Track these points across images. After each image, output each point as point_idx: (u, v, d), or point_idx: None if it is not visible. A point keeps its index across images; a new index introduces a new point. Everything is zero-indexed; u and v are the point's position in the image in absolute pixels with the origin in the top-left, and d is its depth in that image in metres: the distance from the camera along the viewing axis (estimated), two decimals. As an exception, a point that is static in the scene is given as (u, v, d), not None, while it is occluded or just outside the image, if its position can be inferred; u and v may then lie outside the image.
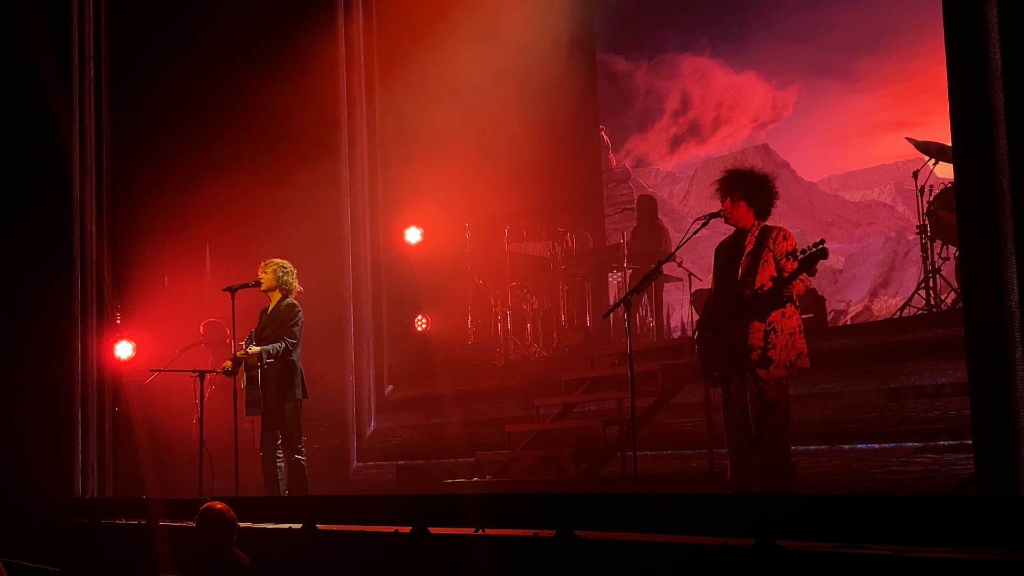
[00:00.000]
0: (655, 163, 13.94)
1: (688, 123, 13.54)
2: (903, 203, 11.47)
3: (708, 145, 13.34)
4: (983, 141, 5.70)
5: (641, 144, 14.03)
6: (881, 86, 11.59)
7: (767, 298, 6.69)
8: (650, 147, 13.99)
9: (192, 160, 12.90)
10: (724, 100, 13.18)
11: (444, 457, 10.95)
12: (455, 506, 6.55)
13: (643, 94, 13.99)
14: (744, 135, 12.98)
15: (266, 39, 12.77)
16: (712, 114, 13.28)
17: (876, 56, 11.60)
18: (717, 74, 13.29)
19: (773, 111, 12.71)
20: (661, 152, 13.84)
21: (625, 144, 14.34)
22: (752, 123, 12.91)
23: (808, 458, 8.03)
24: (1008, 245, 5.57)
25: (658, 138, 13.83)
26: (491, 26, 12.12)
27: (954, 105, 6.03)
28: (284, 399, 9.05)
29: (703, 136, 13.36)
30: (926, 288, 9.84)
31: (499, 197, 12.87)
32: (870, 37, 11.62)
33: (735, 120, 13.05)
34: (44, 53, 12.36)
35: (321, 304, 10.42)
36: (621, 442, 8.53)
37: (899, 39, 11.34)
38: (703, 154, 13.35)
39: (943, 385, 7.82)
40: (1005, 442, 5.58)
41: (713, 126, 13.30)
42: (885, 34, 11.47)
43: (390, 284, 13.27)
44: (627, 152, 14.21)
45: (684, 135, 13.58)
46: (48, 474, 11.90)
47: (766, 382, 6.69)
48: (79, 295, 12.46)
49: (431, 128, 12.49)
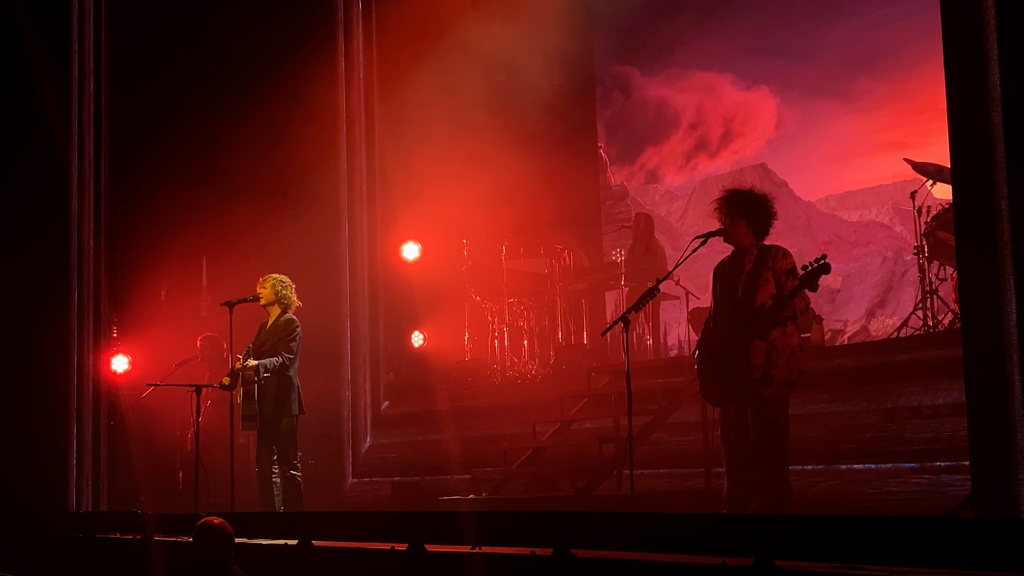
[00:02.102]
0: (665, 177, 13.91)
1: (695, 140, 13.56)
2: (900, 223, 11.49)
3: (707, 164, 13.36)
4: (982, 162, 5.72)
5: (650, 161, 14.02)
6: (879, 107, 11.63)
7: (768, 316, 6.68)
8: (655, 165, 14.01)
9: (190, 174, 12.91)
10: (723, 117, 13.20)
11: (440, 474, 10.93)
12: (452, 523, 6.53)
13: (650, 109, 14.00)
14: (744, 153, 13.00)
15: (266, 55, 12.80)
16: (717, 131, 13.30)
17: (874, 77, 11.64)
18: (714, 91, 13.33)
19: (771, 130, 12.75)
20: (673, 166, 13.82)
21: (624, 163, 14.38)
22: (752, 141, 12.94)
23: (805, 478, 8.02)
24: (1007, 266, 5.59)
25: (670, 152, 13.82)
26: (489, 44, 12.15)
27: (953, 126, 6.06)
28: (281, 415, 9.03)
29: (709, 152, 13.38)
30: (923, 309, 9.85)
31: (496, 214, 12.88)
32: (868, 58, 11.67)
33: (736, 138, 13.07)
34: (43, 68, 12.38)
35: (318, 319, 10.41)
36: (618, 460, 8.51)
37: (897, 60, 11.38)
38: (710, 170, 13.36)
39: (940, 406, 7.81)
40: (1002, 463, 5.58)
41: (716, 143, 13.30)
42: (883, 55, 11.51)
43: (387, 300, 13.27)
44: (639, 166, 14.19)
45: (691, 151, 13.60)
46: (43, 488, 11.87)
47: (767, 401, 6.68)
48: (76, 309, 12.47)
49: (429, 144, 12.51)
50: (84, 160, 12.68)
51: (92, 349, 12.43)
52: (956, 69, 6.03)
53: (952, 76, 6.06)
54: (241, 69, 12.99)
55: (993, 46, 5.72)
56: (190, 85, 13.32)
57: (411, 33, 12.68)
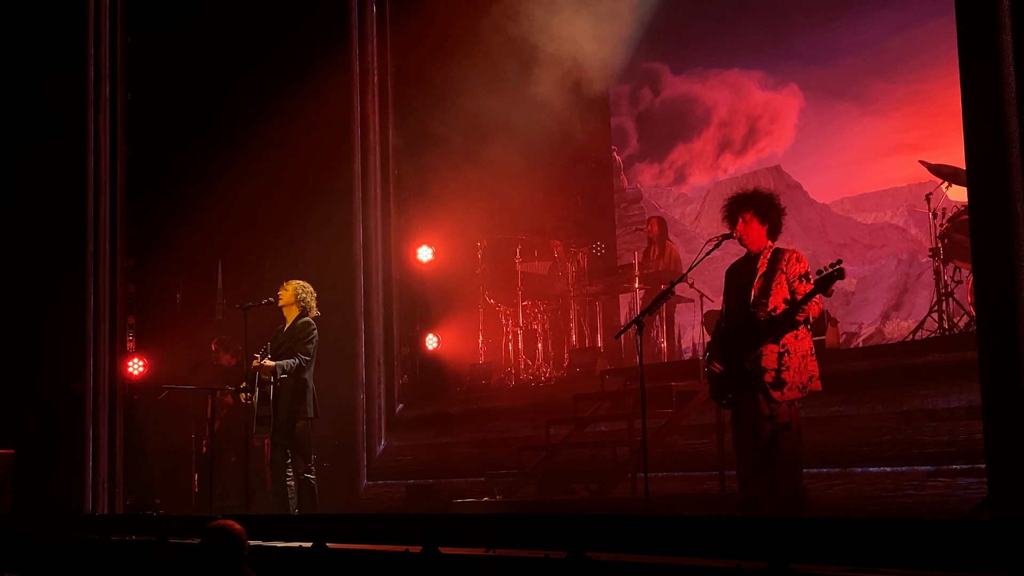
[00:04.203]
0: (695, 175, 13.84)
1: (724, 137, 13.51)
2: (915, 226, 11.45)
3: (732, 163, 13.32)
4: (998, 164, 5.70)
5: (680, 158, 13.96)
6: (894, 109, 11.60)
7: (782, 320, 6.67)
8: (685, 163, 13.96)
9: (205, 178, 12.96)
10: (749, 116, 13.15)
11: (454, 476, 10.93)
12: (466, 526, 6.53)
13: (680, 107, 13.95)
14: (770, 151, 12.95)
15: (281, 58, 12.85)
16: (742, 129, 13.25)
17: (889, 79, 11.61)
18: (742, 90, 13.30)
19: (785, 131, 12.73)
20: (703, 164, 13.76)
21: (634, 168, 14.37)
22: (778, 139, 12.90)
23: (820, 481, 8.00)
24: (1022, 268, 5.56)
25: (700, 150, 13.78)
26: (504, 48, 12.15)
27: (968, 128, 6.03)
28: (296, 417, 9.05)
29: (734, 151, 13.33)
30: (939, 311, 9.81)
31: (511, 217, 12.89)
32: (883, 60, 11.64)
33: (762, 136, 13.01)
34: (60, 70, 12.46)
35: (332, 322, 10.44)
36: (632, 463, 8.50)
37: (912, 62, 11.35)
38: (732, 170, 13.31)
39: (956, 408, 7.78)
40: (1019, 466, 5.55)
41: (740, 143, 13.26)
42: (898, 57, 11.48)
43: (401, 302, 13.28)
44: (669, 163, 14.12)
45: (719, 149, 13.55)
46: (59, 490, 11.93)
47: (779, 404, 6.67)
48: (92, 312, 12.52)
49: (444, 147, 12.52)
50: (100, 164, 12.75)
51: (108, 352, 12.48)
52: (971, 71, 6.01)
53: (967, 78, 6.03)
54: (257, 73, 13.04)
55: (1008, 48, 5.70)
56: (205, 89, 13.37)
57: (426, 37, 12.70)
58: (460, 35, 12.37)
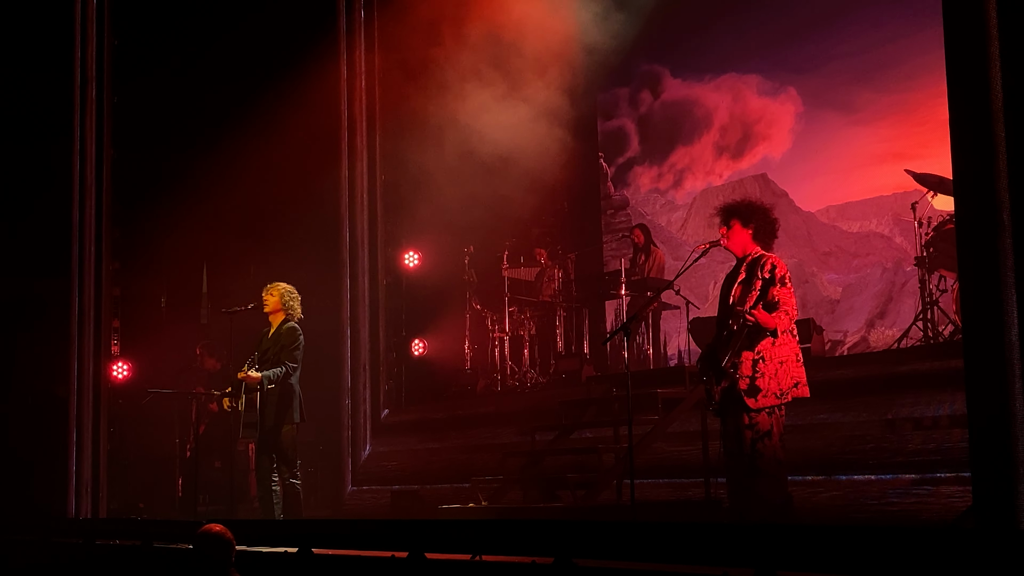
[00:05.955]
0: (695, 179, 13.81)
1: (723, 141, 13.51)
2: (901, 235, 11.50)
3: (731, 166, 13.31)
4: (984, 173, 5.73)
5: (680, 161, 13.94)
6: (880, 118, 11.64)
7: (738, 333, 6.71)
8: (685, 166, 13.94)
9: (191, 182, 12.94)
10: (745, 121, 13.16)
11: (439, 482, 10.92)
12: (453, 532, 6.53)
13: (681, 109, 13.94)
14: (751, 161, 12.98)
15: (268, 62, 12.84)
16: (738, 134, 13.25)
17: (875, 88, 11.66)
18: (716, 102, 13.34)
19: (772, 139, 12.76)
20: (703, 168, 13.73)
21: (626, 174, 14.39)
22: (751, 151, 12.94)
23: (805, 488, 8.02)
24: (1008, 277, 5.58)
25: (700, 153, 13.78)
26: (491, 54, 12.16)
27: (955, 137, 6.06)
28: (282, 422, 9.02)
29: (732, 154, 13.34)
30: (924, 320, 9.85)
31: (498, 223, 12.89)
32: (869, 69, 11.68)
33: (760, 141, 13.02)
34: (46, 73, 12.42)
35: (318, 327, 10.42)
36: (618, 469, 8.51)
37: (898, 72, 11.39)
38: (728, 173, 13.32)
39: (941, 417, 7.81)
40: (1004, 475, 5.57)
41: (735, 147, 13.26)
42: (884, 66, 11.52)
43: (388, 308, 13.27)
44: (669, 167, 14.09)
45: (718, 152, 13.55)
46: (43, 494, 11.88)
47: (757, 411, 6.69)
48: (76, 316, 12.47)
49: (430, 152, 12.52)
50: (86, 167, 12.70)
51: (92, 356, 12.43)
52: (958, 80, 6.03)
53: (954, 87, 6.06)
54: (243, 77, 13.02)
55: (995, 57, 5.73)
56: (192, 93, 13.35)
57: (413, 41, 12.70)
58: (448, 40, 12.37)
